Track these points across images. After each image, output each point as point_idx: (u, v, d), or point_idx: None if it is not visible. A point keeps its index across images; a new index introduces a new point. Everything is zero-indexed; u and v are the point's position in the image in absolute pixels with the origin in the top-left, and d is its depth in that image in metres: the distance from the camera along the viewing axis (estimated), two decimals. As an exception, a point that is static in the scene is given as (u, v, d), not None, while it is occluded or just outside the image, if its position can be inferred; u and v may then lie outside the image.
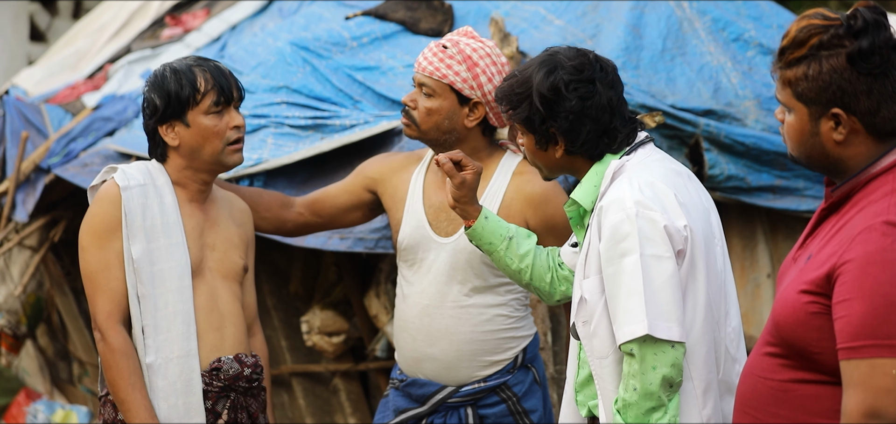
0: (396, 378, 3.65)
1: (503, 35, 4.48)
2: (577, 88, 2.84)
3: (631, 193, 2.74)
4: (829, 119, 2.44)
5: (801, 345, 2.44)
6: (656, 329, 2.67)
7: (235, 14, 5.58)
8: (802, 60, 2.44)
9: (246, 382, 3.38)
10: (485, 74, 3.41)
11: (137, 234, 3.29)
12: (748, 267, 4.60)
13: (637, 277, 2.69)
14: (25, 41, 10.20)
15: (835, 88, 2.42)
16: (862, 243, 2.38)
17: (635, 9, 4.70)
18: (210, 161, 3.37)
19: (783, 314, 2.47)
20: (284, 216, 3.70)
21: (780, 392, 2.49)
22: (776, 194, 4.44)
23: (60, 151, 5.04)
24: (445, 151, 3.45)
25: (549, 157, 2.92)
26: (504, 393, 3.55)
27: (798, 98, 2.46)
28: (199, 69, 3.35)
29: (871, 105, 2.42)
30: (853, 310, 2.35)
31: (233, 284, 3.43)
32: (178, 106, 3.32)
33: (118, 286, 3.28)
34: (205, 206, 3.43)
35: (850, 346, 2.35)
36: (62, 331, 5.73)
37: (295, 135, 4.50)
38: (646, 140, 2.93)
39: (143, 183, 3.34)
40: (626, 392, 2.71)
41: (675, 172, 2.87)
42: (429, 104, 3.42)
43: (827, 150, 2.47)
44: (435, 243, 3.49)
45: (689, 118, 4.32)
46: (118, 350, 3.25)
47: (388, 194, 3.62)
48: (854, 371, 2.34)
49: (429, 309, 3.50)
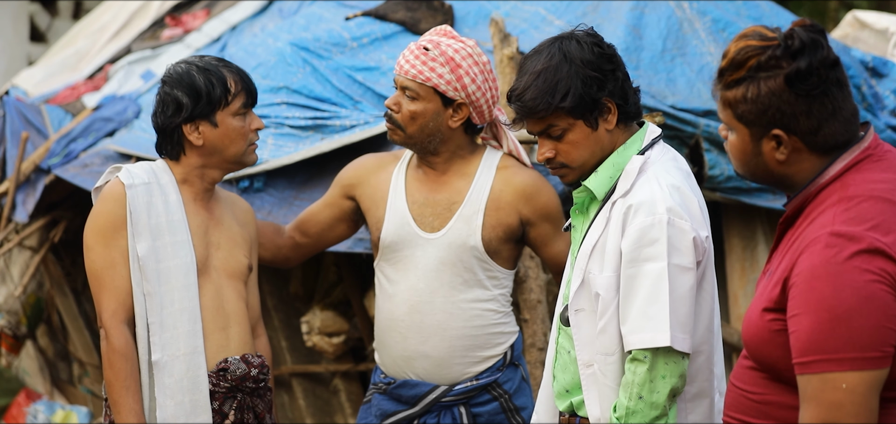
0: (381, 381, 3.60)
1: (503, 35, 4.48)
2: (601, 48, 2.83)
3: (662, 197, 2.72)
4: (771, 140, 2.42)
5: (770, 362, 2.43)
6: (677, 342, 2.67)
7: (235, 14, 5.58)
8: (741, 82, 2.41)
9: (253, 382, 3.39)
10: (468, 74, 3.38)
11: (143, 232, 3.29)
12: (748, 268, 4.59)
13: (662, 285, 2.67)
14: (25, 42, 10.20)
15: (774, 110, 2.40)
16: (808, 256, 2.35)
17: (635, 9, 4.70)
18: (231, 160, 3.38)
19: (749, 334, 2.47)
20: (279, 243, 3.69)
21: (761, 407, 2.48)
22: (776, 195, 4.44)
23: (60, 151, 5.04)
24: (430, 154, 3.47)
25: (599, 137, 2.85)
26: (495, 391, 3.55)
27: (739, 119, 2.43)
28: (227, 70, 3.36)
29: (812, 125, 2.40)
30: (802, 325, 2.33)
31: (238, 283, 3.42)
32: (208, 105, 3.31)
33: (123, 284, 3.28)
34: (209, 205, 3.43)
35: (802, 361, 2.33)
36: (62, 332, 5.73)
37: (295, 135, 4.51)
38: (658, 137, 2.92)
39: (148, 182, 3.34)
40: (629, 400, 2.69)
41: (687, 174, 2.87)
42: (413, 108, 3.40)
43: (770, 168, 2.46)
44: (421, 239, 3.48)
45: (689, 119, 4.33)
46: (119, 351, 3.25)
47: (367, 195, 3.59)
48: (807, 386, 2.32)
49: (419, 306, 3.48)
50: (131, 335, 3.29)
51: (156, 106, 3.38)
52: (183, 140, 3.35)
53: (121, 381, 3.25)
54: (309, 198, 4.40)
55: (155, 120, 3.38)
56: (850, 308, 2.29)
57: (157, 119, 3.37)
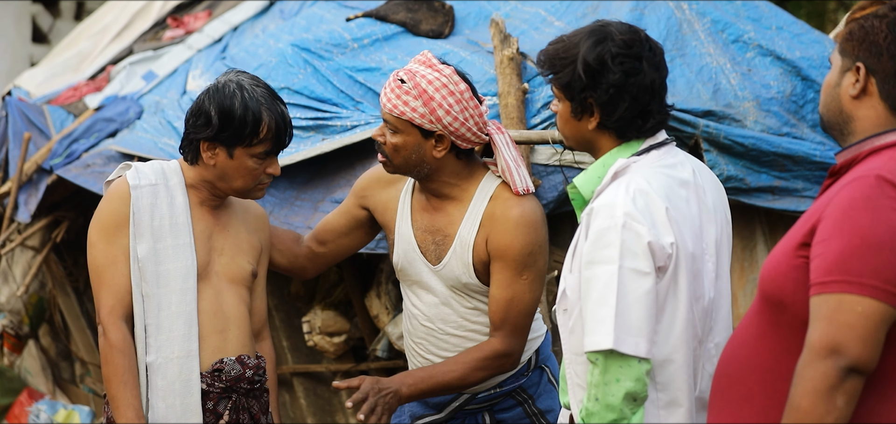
0: None
1: (503, 36, 4.49)
2: (622, 63, 2.80)
3: (623, 201, 2.70)
4: (854, 73, 2.55)
5: (777, 295, 2.48)
6: (622, 344, 2.64)
7: (237, 15, 5.60)
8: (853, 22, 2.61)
9: (248, 383, 3.39)
10: (442, 107, 3.29)
11: (144, 233, 3.31)
12: (747, 268, 4.60)
13: (612, 288, 2.66)
14: (28, 43, 10.22)
15: (868, 43, 2.55)
16: (849, 189, 2.41)
17: (635, 10, 4.71)
18: (236, 192, 3.38)
19: (768, 268, 2.52)
20: (297, 251, 3.67)
21: (748, 354, 2.54)
22: (775, 195, 4.45)
23: (63, 151, 5.05)
24: (425, 182, 3.42)
25: (581, 128, 2.88)
26: (519, 396, 3.54)
27: (840, 53, 2.60)
28: (269, 113, 3.30)
29: (892, 69, 2.52)
30: (830, 248, 2.37)
31: (239, 288, 3.43)
32: (232, 137, 3.28)
33: (122, 282, 3.29)
34: (217, 211, 3.43)
35: (822, 281, 2.37)
36: (64, 331, 5.75)
37: (296, 136, 4.51)
38: (664, 142, 2.89)
39: (155, 183, 3.34)
40: (588, 401, 2.69)
41: (681, 182, 2.83)
42: (394, 141, 3.34)
43: (842, 104, 2.58)
44: (427, 269, 3.46)
45: (688, 119, 4.33)
46: (116, 347, 3.26)
47: (379, 210, 3.57)
48: (822, 306, 2.36)
49: (434, 332, 3.48)
50: (129, 332, 3.30)
51: (192, 105, 3.35)
52: (199, 154, 3.35)
53: (118, 376, 3.26)
54: (310, 198, 4.41)
55: (186, 119, 3.36)
56: (882, 241, 2.34)
57: (187, 121, 3.35)
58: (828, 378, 2.33)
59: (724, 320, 2.87)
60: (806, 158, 4.38)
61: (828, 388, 2.33)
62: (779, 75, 4.58)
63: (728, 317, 2.89)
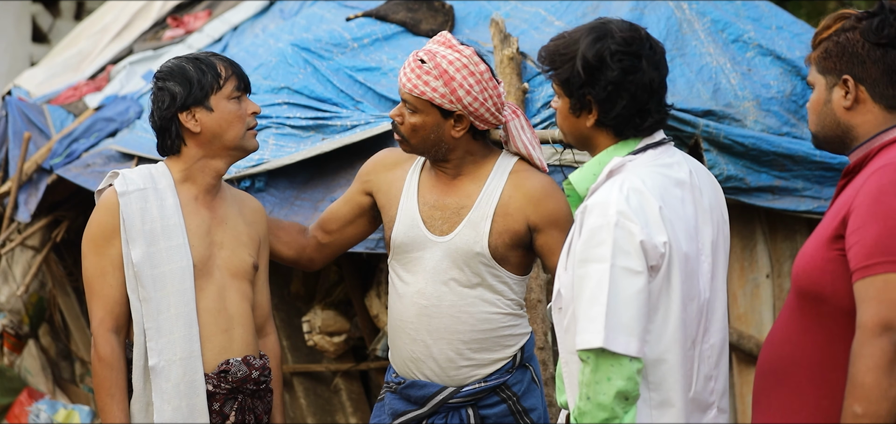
0: (392, 380, 3.61)
1: (503, 36, 4.49)
2: (621, 60, 2.81)
3: (616, 199, 2.71)
4: (842, 87, 2.67)
5: (815, 290, 2.59)
6: (613, 343, 2.64)
7: (237, 15, 5.60)
8: (826, 40, 2.74)
9: (253, 384, 3.40)
10: (462, 87, 3.35)
11: (136, 238, 3.31)
12: (747, 267, 4.60)
13: (603, 286, 2.66)
14: (28, 42, 10.22)
15: (847, 57, 2.67)
16: (877, 177, 2.54)
17: (635, 10, 4.71)
18: (231, 146, 3.39)
19: (801, 264, 2.63)
20: (303, 242, 3.70)
21: (788, 349, 2.65)
22: (775, 195, 4.45)
23: (63, 151, 5.05)
24: (440, 160, 3.47)
25: (579, 125, 2.89)
26: (504, 393, 3.55)
27: (820, 72, 2.74)
28: (216, 57, 3.40)
29: (877, 75, 2.65)
30: (868, 233, 2.50)
31: (242, 283, 3.43)
32: (201, 92, 3.34)
33: (111, 293, 3.31)
34: (213, 204, 3.43)
35: (864, 265, 2.49)
36: (64, 331, 5.75)
37: (296, 135, 4.52)
38: (661, 142, 2.89)
39: (143, 187, 3.35)
40: (580, 400, 2.69)
41: (677, 182, 2.83)
42: (413, 120, 3.40)
43: (837, 117, 2.70)
44: (430, 241, 3.47)
45: (688, 119, 4.33)
46: (104, 360, 3.29)
47: (382, 190, 3.61)
48: (869, 288, 2.48)
49: (428, 309, 3.48)
50: (122, 342, 3.32)
51: (151, 104, 3.41)
52: (181, 131, 3.37)
53: (105, 389, 3.29)
54: (310, 198, 4.41)
55: (152, 119, 3.41)
56: None
57: (154, 116, 3.39)
58: (886, 353, 2.46)
59: (719, 321, 2.86)
60: (806, 157, 4.38)
61: (888, 363, 2.46)
62: (779, 75, 4.58)
63: (723, 318, 2.89)
